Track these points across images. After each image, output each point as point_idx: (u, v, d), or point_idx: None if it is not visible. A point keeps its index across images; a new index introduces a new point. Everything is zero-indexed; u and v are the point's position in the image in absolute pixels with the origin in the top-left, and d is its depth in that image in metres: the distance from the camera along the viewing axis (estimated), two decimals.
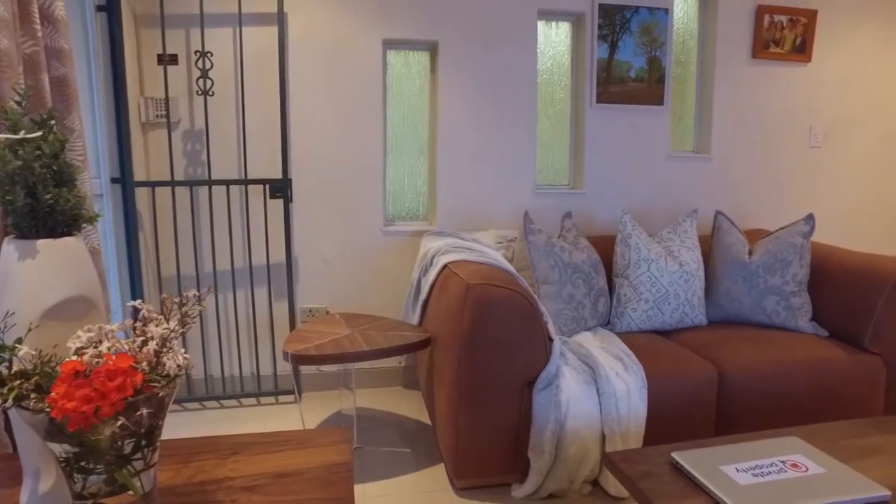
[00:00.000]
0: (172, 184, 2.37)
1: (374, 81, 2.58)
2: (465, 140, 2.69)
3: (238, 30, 2.43)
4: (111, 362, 0.58)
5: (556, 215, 2.82)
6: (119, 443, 0.62)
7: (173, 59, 2.39)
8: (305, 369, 2.69)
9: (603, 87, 2.75)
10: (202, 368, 2.59)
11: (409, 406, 2.56)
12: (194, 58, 2.41)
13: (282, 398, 2.62)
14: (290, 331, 2.59)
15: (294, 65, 2.50)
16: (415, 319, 2.30)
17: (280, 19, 2.38)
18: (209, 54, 2.41)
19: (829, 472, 1.21)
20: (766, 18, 2.96)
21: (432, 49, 2.69)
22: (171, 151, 2.38)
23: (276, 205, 2.58)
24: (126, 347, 0.66)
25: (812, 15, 3.02)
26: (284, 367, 2.69)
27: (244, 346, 2.63)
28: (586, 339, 2.03)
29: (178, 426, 2.33)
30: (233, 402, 2.57)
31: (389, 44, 2.65)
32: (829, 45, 3.10)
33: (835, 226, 3.28)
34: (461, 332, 1.72)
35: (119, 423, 0.58)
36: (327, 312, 2.68)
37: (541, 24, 2.79)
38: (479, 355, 1.71)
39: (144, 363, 0.66)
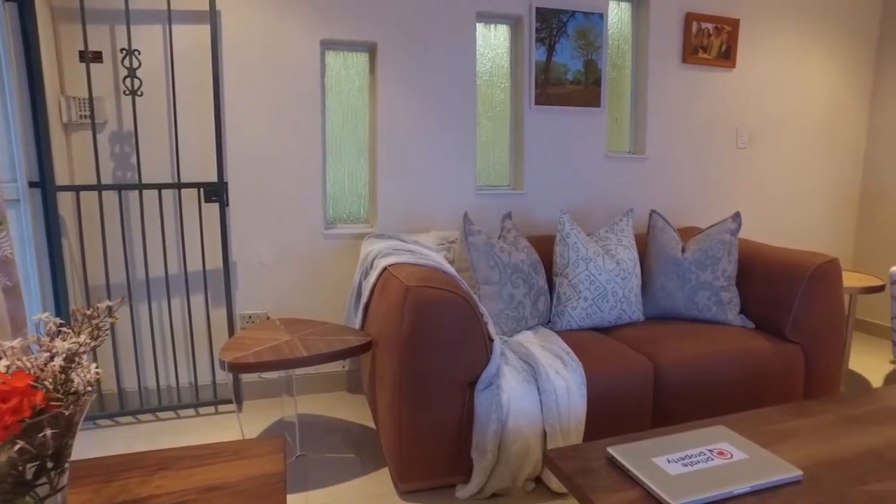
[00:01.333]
0: (99, 188, 2.26)
1: (313, 82, 2.54)
2: (406, 141, 2.68)
3: (167, 27, 2.34)
4: (5, 382, 0.54)
5: (497, 216, 2.85)
6: (19, 468, 0.58)
7: (97, 57, 2.28)
8: (247, 377, 2.62)
9: (541, 89, 2.80)
10: (136, 380, 2.48)
11: (354, 410, 2.53)
12: (120, 56, 2.30)
13: (222, 408, 2.54)
14: (230, 338, 2.52)
15: (229, 65, 2.43)
16: (357, 323, 2.27)
17: (212, 18, 2.30)
18: (136, 52, 2.31)
19: (750, 458, 1.26)
20: (694, 25, 3.08)
21: (371, 50, 2.67)
22: (96, 154, 2.26)
23: (212, 209, 2.50)
24: (28, 365, 0.61)
25: (735, 24, 3.16)
26: (224, 376, 2.61)
27: (181, 355, 2.53)
28: (527, 339, 2.05)
29: (109, 443, 2.22)
30: (170, 413, 2.47)
31: (327, 45, 2.61)
32: (751, 53, 3.26)
33: (760, 222, 3.45)
34: (401, 335, 1.71)
35: (17, 447, 0.54)
36: (267, 318, 2.62)
37: (480, 27, 2.81)
38: (420, 357, 1.71)
39: (48, 380, 0.62)
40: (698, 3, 3.09)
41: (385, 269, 2.03)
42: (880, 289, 2.67)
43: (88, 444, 2.21)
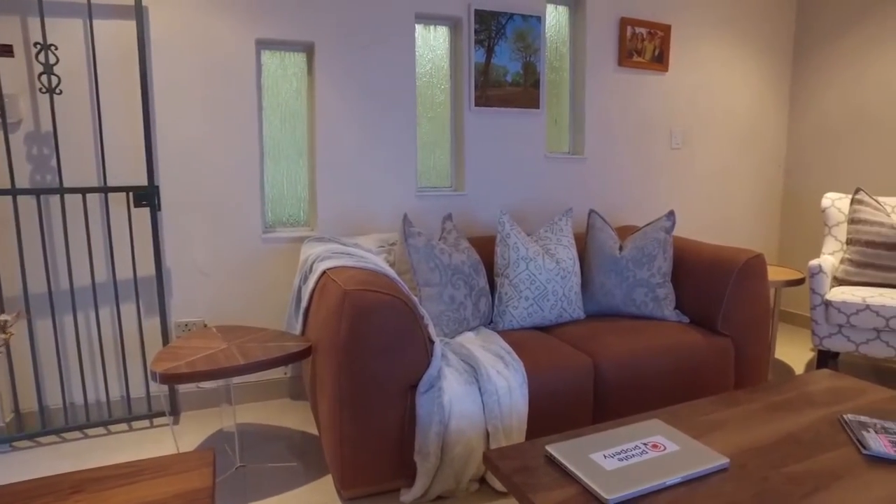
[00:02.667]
0: (14, 192, 2.12)
1: (248, 83, 2.47)
2: (345, 143, 2.64)
3: (88, 22, 2.22)
4: None
5: (438, 217, 2.84)
6: None
7: (7, 50, 2.13)
8: (184, 387, 2.52)
9: (481, 90, 2.81)
10: (60, 396, 2.34)
11: (297, 418, 2.47)
12: (34, 50, 2.17)
13: (157, 421, 2.43)
14: (163, 347, 2.41)
15: (158, 63, 2.33)
16: (298, 328, 2.22)
17: (138, 13, 2.20)
18: (52, 47, 2.18)
19: (682, 449, 1.30)
20: (629, 30, 3.17)
21: (308, 50, 2.62)
22: (9, 155, 2.12)
23: (143, 214, 2.39)
24: None
25: (667, 29, 3.28)
26: (159, 387, 2.50)
27: (111, 367, 2.41)
28: (468, 339, 2.06)
29: (28, 466, 2.08)
30: (100, 430, 2.35)
31: (263, 44, 2.55)
32: (682, 57, 3.38)
33: (693, 220, 3.59)
34: (339, 340, 1.68)
35: None
36: (205, 326, 2.53)
37: (419, 28, 2.81)
38: (359, 362, 1.68)
39: None
40: (632, 8, 3.18)
41: (324, 273, 1.99)
42: (801, 281, 2.82)
43: (2, 469, 2.06)
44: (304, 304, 2.14)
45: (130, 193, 2.34)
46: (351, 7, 2.58)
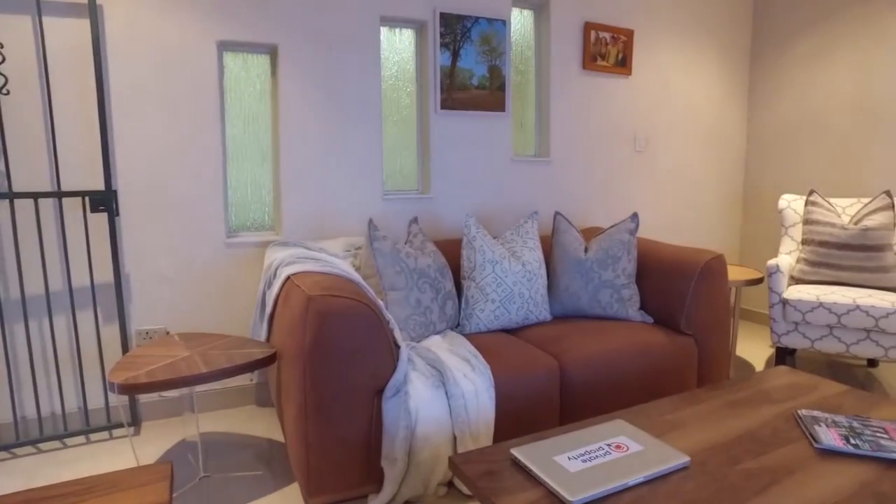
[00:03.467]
0: None
1: (210, 85, 2.42)
2: (310, 146, 2.62)
3: (37, 19, 2.15)
4: None
5: (405, 220, 2.83)
6: None
7: None
8: (145, 397, 2.45)
9: (447, 93, 2.82)
10: (10, 410, 2.26)
11: (263, 425, 2.43)
12: None
13: (116, 432, 2.36)
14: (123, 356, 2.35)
15: (115, 64, 2.27)
16: (263, 335, 2.18)
17: (92, 12, 2.14)
18: None
19: (645, 449, 1.32)
20: (593, 34, 3.21)
21: (272, 52, 2.59)
22: None
23: (100, 219, 2.32)
24: None
25: (630, 34, 3.33)
26: (119, 398, 2.43)
27: (67, 378, 2.33)
28: (435, 343, 2.05)
29: None
30: (55, 444, 2.27)
31: (225, 45, 2.50)
32: (644, 62, 3.45)
33: (657, 221, 3.66)
34: (304, 346, 1.66)
35: None
36: (167, 333, 2.47)
37: (385, 31, 2.80)
38: (324, 368, 1.66)
39: None
40: (596, 13, 3.23)
41: (288, 278, 1.96)
42: (760, 281, 2.90)
43: None
44: (268, 309, 2.11)
45: (86, 198, 2.27)
46: (315, 10, 2.55)
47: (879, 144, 3.26)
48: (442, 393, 1.79)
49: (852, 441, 1.35)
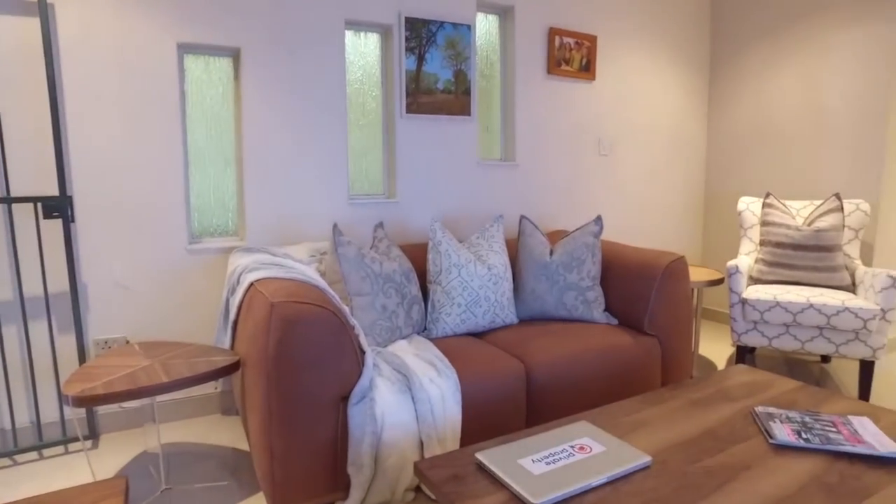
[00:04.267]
0: None
1: (170, 88, 2.37)
2: (275, 151, 2.58)
3: None
4: None
5: (371, 225, 2.82)
6: None
7: None
8: (104, 408, 2.38)
9: (412, 97, 2.82)
10: None
11: (228, 434, 2.39)
12: None
13: (72, 447, 2.29)
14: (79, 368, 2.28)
15: (69, 65, 2.21)
16: (227, 342, 2.15)
17: (42, 10, 2.07)
18: None
19: (608, 450, 1.34)
20: (557, 40, 3.26)
21: (235, 56, 2.55)
22: None
23: (55, 226, 2.25)
24: None
25: (593, 40, 3.39)
26: (75, 411, 2.35)
27: (18, 391, 2.25)
28: (401, 348, 2.05)
29: None
30: (4, 461, 2.18)
31: (186, 48, 2.45)
32: (608, 67, 3.51)
33: (621, 224, 3.72)
34: (267, 353, 1.63)
35: None
36: (127, 343, 2.40)
37: (349, 34, 2.78)
38: (288, 375, 1.64)
39: None
40: (560, 19, 3.28)
41: (251, 284, 1.93)
42: (721, 281, 2.97)
43: None
44: (232, 316, 2.07)
45: (39, 204, 2.20)
46: (278, 13, 2.53)
47: (828, 149, 3.39)
48: (408, 398, 1.78)
49: (804, 435, 1.40)
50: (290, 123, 2.60)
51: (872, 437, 1.39)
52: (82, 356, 2.29)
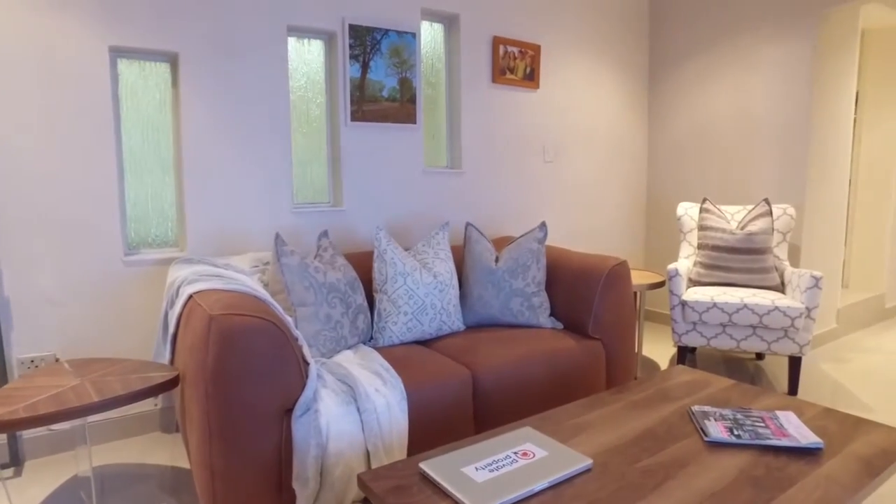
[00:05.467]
0: None
1: (101, 93, 2.28)
2: (216, 158, 2.52)
3: None
4: None
5: (317, 234, 2.78)
6: None
7: None
8: (30, 432, 2.25)
9: (357, 105, 2.80)
10: None
11: (169, 453, 2.30)
12: None
13: None
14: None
15: None
16: (166, 357, 2.07)
17: None
18: None
19: (550, 455, 1.36)
20: (501, 48, 3.31)
21: (172, 61, 2.47)
22: None
23: None
24: None
25: (537, 49, 3.46)
26: None
27: None
28: (346, 358, 2.02)
29: None
30: None
31: (119, 52, 2.37)
32: (551, 76, 3.58)
33: (567, 229, 3.80)
34: (206, 367, 1.58)
35: None
36: (56, 361, 2.28)
37: (292, 41, 2.74)
38: (228, 389, 1.60)
39: None
40: (504, 28, 3.33)
41: (190, 296, 1.87)
42: (662, 284, 3.07)
43: None
44: (171, 330, 2.00)
45: None
46: (218, 17, 2.47)
47: (758, 157, 3.56)
48: (353, 409, 1.76)
49: (735, 432, 1.46)
50: (232, 130, 2.54)
51: (796, 430, 1.46)
52: (5, 377, 2.16)
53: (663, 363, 3.36)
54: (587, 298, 2.46)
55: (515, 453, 1.37)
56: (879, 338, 3.85)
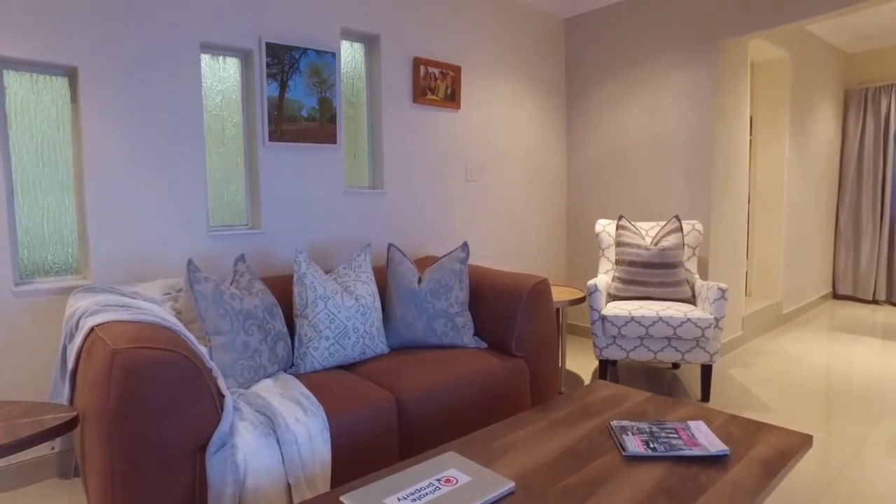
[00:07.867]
0: None
1: None
2: (122, 179, 2.37)
3: None
4: None
5: (233, 258, 2.67)
6: None
7: None
8: None
9: (275, 125, 2.73)
10: None
11: (65, 501, 2.11)
12: None
13: None
14: None
15: None
16: (65, 395, 1.90)
17: None
18: None
19: (473, 480, 1.35)
20: (422, 69, 3.33)
21: (71, 75, 2.32)
22: None
23: None
24: None
25: (457, 70, 3.51)
26: None
27: None
28: (265, 388, 1.94)
29: None
30: None
31: (5, 63, 2.19)
32: (472, 97, 3.65)
33: (490, 248, 3.85)
34: (108, 406, 1.47)
35: None
36: None
37: (206, 58, 2.65)
38: (134, 429, 1.49)
39: None
40: (425, 49, 3.36)
41: (92, 329, 1.74)
42: (583, 300, 3.16)
43: None
44: (70, 366, 1.84)
45: None
46: (123, 31, 2.34)
47: (669, 175, 3.77)
48: (273, 441, 1.69)
49: (651, 445, 1.51)
50: (140, 149, 2.41)
51: (705, 439, 1.53)
52: None
53: (587, 376, 3.45)
54: (510, 317, 2.49)
55: (439, 480, 1.35)
56: (778, 342, 4.15)
